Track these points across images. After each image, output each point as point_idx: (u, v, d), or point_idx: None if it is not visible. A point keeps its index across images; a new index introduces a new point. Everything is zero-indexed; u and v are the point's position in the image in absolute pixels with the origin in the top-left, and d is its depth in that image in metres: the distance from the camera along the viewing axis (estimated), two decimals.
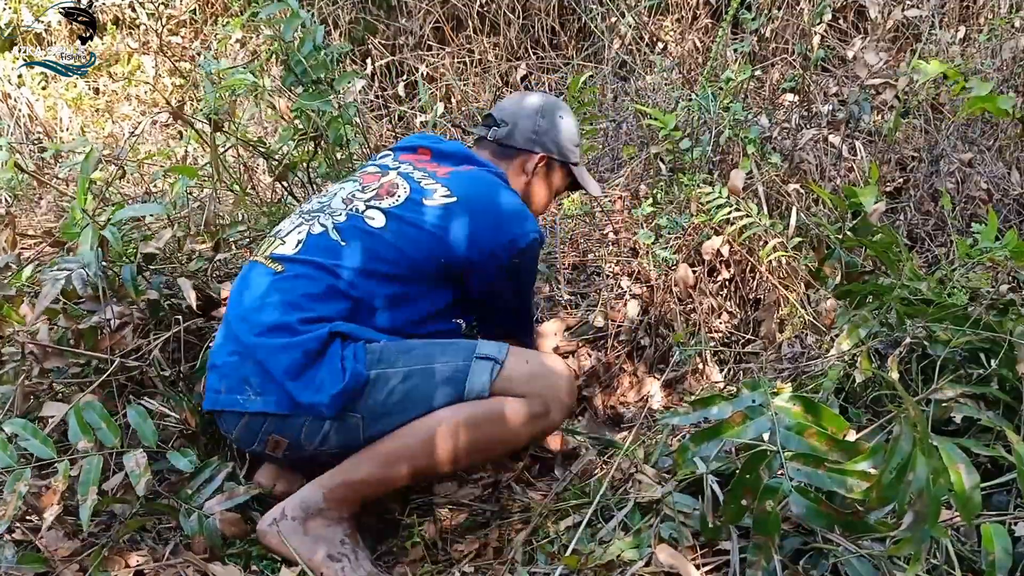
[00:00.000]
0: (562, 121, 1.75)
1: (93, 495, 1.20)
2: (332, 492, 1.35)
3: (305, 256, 1.44)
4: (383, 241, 1.46)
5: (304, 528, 1.33)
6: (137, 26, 4.35)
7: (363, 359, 1.35)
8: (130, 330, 1.61)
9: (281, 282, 1.42)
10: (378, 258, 1.45)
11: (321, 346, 1.34)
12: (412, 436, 1.35)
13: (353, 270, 1.42)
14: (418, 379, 1.35)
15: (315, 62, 1.91)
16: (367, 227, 1.47)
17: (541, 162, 1.72)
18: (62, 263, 1.52)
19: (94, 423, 1.32)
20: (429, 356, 1.38)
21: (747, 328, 2.04)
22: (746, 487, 1.02)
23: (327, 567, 1.31)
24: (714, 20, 3.57)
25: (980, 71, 2.39)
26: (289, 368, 1.33)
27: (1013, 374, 1.23)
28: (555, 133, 1.73)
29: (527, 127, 1.71)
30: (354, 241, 1.45)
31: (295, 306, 1.38)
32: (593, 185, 1.85)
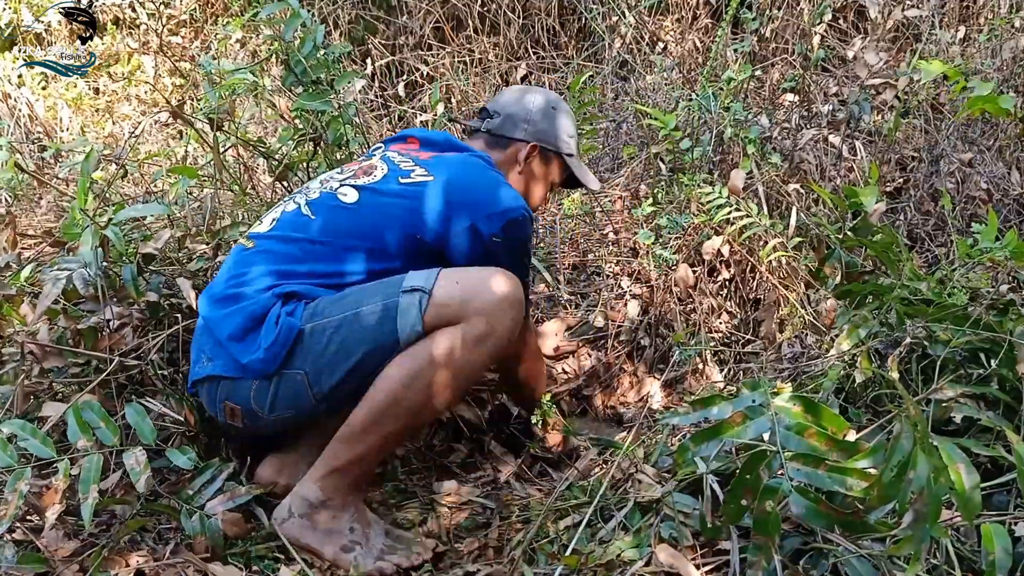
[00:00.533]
0: (556, 112, 1.73)
1: (94, 493, 1.20)
2: (325, 484, 1.35)
3: (276, 232, 1.47)
4: (355, 215, 1.46)
5: (312, 523, 1.35)
6: (137, 26, 4.35)
7: (299, 314, 1.36)
8: (130, 330, 1.61)
9: (247, 255, 1.45)
10: (348, 232, 1.45)
11: (265, 309, 1.36)
12: (370, 407, 1.33)
13: (320, 242, 1.44)
14: (350, 326, 1.34)
15: (315, 62, 1.91)
16: (339, 202, 1.47)
17: (533, 151, 1.69)
18: (62, 263, 1.53)
19: (93, 422, 1.32)
20: (358, 300, 1.36)
21: (747, 328, 2.04)
22: (746, 487, 1.02)
23: (341, 559, 1.33)
24: (714, 20, 3.57)
25: (980, 71, 2.39)
26: (234, 332, 1.36)
27: (1013, 374, 1.23)
28: (548, 123, 1.71)
29: (519, 116, 1.70)
30: (324, 215, 1.46)
31: (251, 276, 1.41)
32: (591, 179, 1.82)
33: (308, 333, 1.34)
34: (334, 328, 1.34)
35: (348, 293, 1.39)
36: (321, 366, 1.34)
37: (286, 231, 1.46)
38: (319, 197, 1.50)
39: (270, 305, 1.36)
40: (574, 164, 1.77)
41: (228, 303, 1.40)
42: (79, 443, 1.27)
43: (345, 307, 1.35)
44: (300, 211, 1.48)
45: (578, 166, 1.78)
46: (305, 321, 1.35)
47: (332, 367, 1.34)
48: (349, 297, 1.37)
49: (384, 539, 1.38)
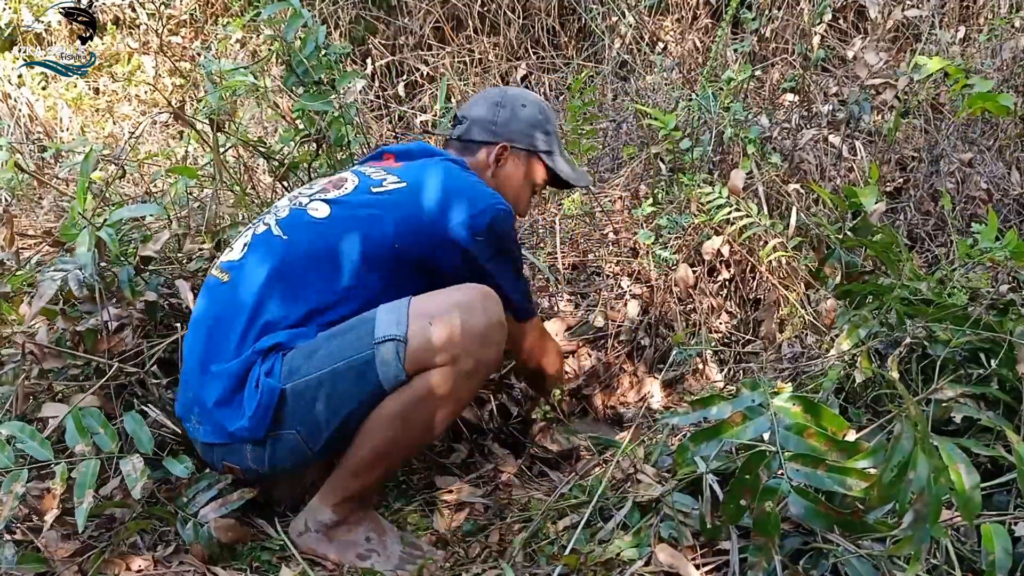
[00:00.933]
0: (524, 110, 1.65)
1: (89, 498, 1.20)
2: (338, 506, 1.37)
3: (248, 259, 1.41)
4: (327, 230, 1.40)
5: (328, 537, 1.37)
6: (137, 26, 4.35)
7: (277, 371, 1.31)
8: (130, 332, 1.61)
9: (223, 292, 1.39)
10: (322, 250, 1.39)
11: (246, 367, 1.32)
12: (372, 447, 1.33)
13: (294, 267, 1.38)
14: (332, 385, 1.30)
15: (317, 62, 1.91)
16: (310, 218, 1.42)
17: (503, 153, 1.63)
18: (59, 264, 1.53)
19: (92, 428, 1.32)
20: (331, 355, 1.31)
21: (747, 328, 2.04)
22: (745, 487, 1.02)
23: (359, 567, 1.35)
24: (714, 20, 3.57)
25: (980, 71, 2.39)
26: (219, 397, 1.33)
27: (1013, 374, 1.23)
28: (515, 122, 1.64)
29: (485, 119, 1.64)
30: (294, 234, 1.41)
31: (228, 324, 1.35)
32: (576, 176, 1.73)
33: (291, 393, 1.31)
34: (316, 386, 1.30)
35: (318, 346, 1.33)
36: (312, 425, 1.32)
37: (258, 257, 1.40)
38: (288, 216, 1.44)
39: (251, 363, 1.32)
40: (552, 161, 1.68)
41: (210, 359, 1.35)
42: (77, 448, 1.28)
43: (320, 363, 1.30)
44: (271, 232, 1.42)
45: (558, 163, 1.69)
46: (284, 379, 1.31)
47: (324, 425, 1.32)
48: (321, 351, 1.32)
49: (401, 547, 1.39)
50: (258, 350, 1.32)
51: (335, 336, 1.33)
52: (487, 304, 1.34)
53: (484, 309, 1.33)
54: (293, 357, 1.32)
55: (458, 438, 1.84)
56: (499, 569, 1.29)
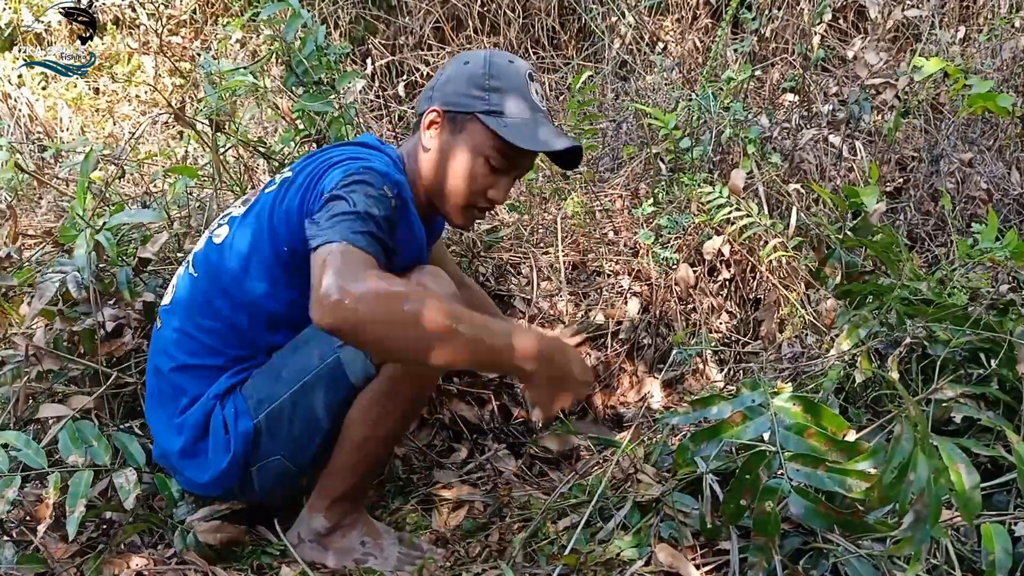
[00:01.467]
0: (465, 67, 1.34)
1: (81, 507, 1.21)
2: (330, 512, 1.37)
3: (175, 307, 1.36)
4: (226, 255, 1.32)
5: (323, 545, 1.37)
6: (137, 26, 4.35)
7: (242, 407, 1.29)
8: (130, 334, 1.61)
9: (163, 342, 1.36)
10: (228, 283, 1.30)
11: (205, 416, 1.30)
12: (351, 447, 1.32)
13: (210, 309, 1.31)
14: (306, 402, 1.28)
15: (317, 63, 1.91)
16: (213, 246, 1.35)
17: (432, 117, 1.34)
18: (57, 265, 1.54)
19: (86, 440, 1.33)
20: (297, 372, 1.27)
21: (747, 328, 2.04)
22: (745, 487, 1.02)
23: (356, 570, 1.35)
24: (714, 20, 3.57)
25: (980, 71, 2.39)
26: (182, 450, 1.31)
27: (1013, 374, 1.23)
28: (453, 83, 1.33)
29: (429, 86, 1.39)
30: (202, 268, 1.35)
31: (174, 376, 1.33)
32: (529, 138, 1.31)
33: (265, 423, 1.29)
34: (290, 407, 1.28)
35: (280, 365, 1.30)
36: (295, 445, 1.31)
37: (182, 304, 1.35)
38: (202, 247, 1.38)
39: (209, 409, 1.30)
40: (495, 123, 1.30)
41: (165, 411, 1.33)
42: (70, 459, 1.29)
43: (287, 382, 1.28)
44: (188, 271, 1.37)
45: (506, 125, 1.30)
46: (254, 412, 1.28)
47: (306, 442, 1.31)
48: (285, 371, 1.29)
49: (399, 548, 1.39)
50: (214, 395, 1.30)
51: (295, 351, 1.30)
52: (439, 280, 1.27)
53: (436, 285, 1.25)
54: (254, 386, 1.30)
55: (458, 438, 1.84)
56: (499, 569, 1.29)
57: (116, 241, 1.60)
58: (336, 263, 1.03)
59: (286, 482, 1.36)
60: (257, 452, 1.30)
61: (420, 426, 1.84)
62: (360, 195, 1.15)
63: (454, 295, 1.26)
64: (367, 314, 1.00)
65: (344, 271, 1.02)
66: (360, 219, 1.12)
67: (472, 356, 1.07)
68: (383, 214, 1.15)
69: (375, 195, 1.16)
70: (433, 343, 1.03)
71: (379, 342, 1.04)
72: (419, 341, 1.03)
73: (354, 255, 1.06)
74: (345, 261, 1.04)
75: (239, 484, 1.33)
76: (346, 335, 1.03)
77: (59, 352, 1.52)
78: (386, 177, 1.21)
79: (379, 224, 1.14)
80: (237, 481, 1.31)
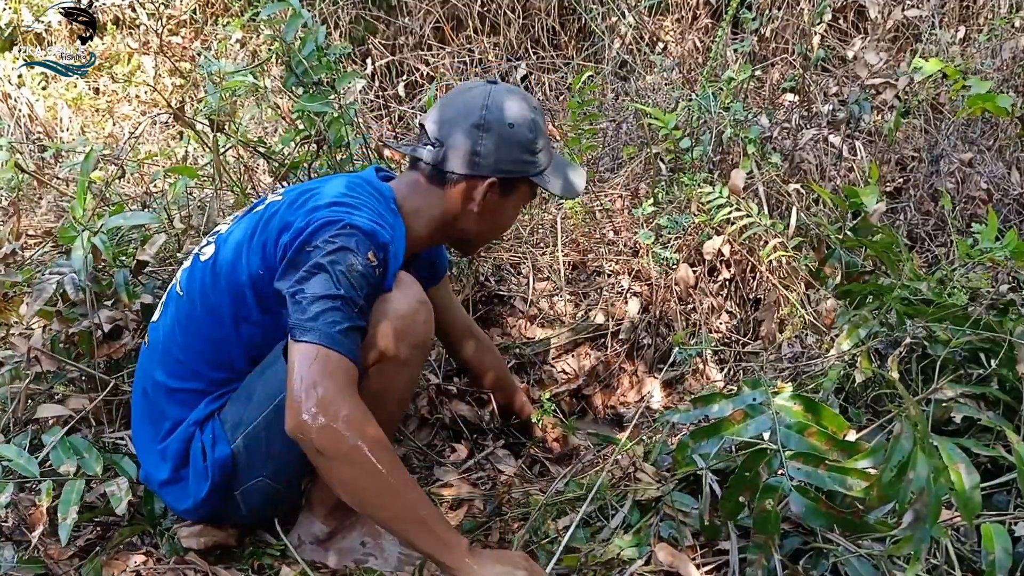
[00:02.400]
0: (511, 131, 1.35)
1: (73, 515, 1.22)
2: (328, 518, 1.37)
3: (165, 323, 1.34)
4: (210, 275, 1.30)
5: (323, 547, 1.37)
6: (137, 26, 4.35)
7: (221, 434, 1.28)
8: (129, 336, 1.62)
9: (151, 360, 1.34)
10: (214, 304, 1.29)
11: (185, 443, 1.29)
12: None
13: (193, 322, 1.30)
14: (278, 421, 1.20)
15: (316, 63, 1.90)
16: (199, 263, 1.33)
17: (492, 187, 1.37)
18: (55, 267, 1.54)
19: (79, 452, 1.34)
20: (269, 393, 1.25)
21: (747, 328, 2.04)
22: (744, 484, 1.03)
23: (357, 570, 1.35)
24: (714, 20, 3.57)
25: (980, 71, 2.39)
26: (167, 477, 1.30)
27: (1013, 374, 1.23)
28: (505, 150, 1.36)
29: (466, 148, 1.35)
30: (190, 286, 1.32)
31: (159, 399, 1.32)
32: (567, 186, 1.46)
33: (243, 447, 1.27)
34: (265, 427, 1.25)
35: (253, 387, 1.28)
36: (276, 465, 1.30)
37: (172, 324, 1.32)
38: (190, 265, 1.36)
39: (189, 436, 1.29)
40: (543, 181, 1.43)
41: (148, 434, 1.33)
42: (62, 468, 1.30)
43: (261, 403, 1.25)
44: (176, 288, 1.35)
45: (549, 179, 1.44)
46: (231, 437, 1.27)
47: (287, 460, 1.29)
48: (257, 391, 1.27)
49: (399, 548, 1.39)
50: (194, 421, 1.29)
51: (266, 370, 1.27)
52: (404, 286, 1.26)
53: (403, 295, 1.25)
54: (230, 410, 1.29)
55: (458, 438, 1.84)
56: None
57: (116, 242, 1.60)
58: (314, 373, 1.09)
59: (275, 500, 1.35)
60: (239, 477, 1.29)
61: (420, 426, 1.84)
62: (343, 268, 1.15)
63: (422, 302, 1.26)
64: (328, 450, 1.08)
65: (319, 385, 1.08)
66: (343, 308, 1.14)
67: (404, 538, 1.14)
68: (365, 291, 1.17)
69: (359, 268, 1.16)
70: (375, 512, 1.12)
71: (329, 478, 1.12)
72: (361, 503, 1.11)
73: (333, 365, 1.10)
74: (323, 372, 1.09)
75: (224, 509, 1.32)
76: (308, 454, 1.11)
77: (57, 355, 1.52)
78: (372, 238, 1.19)
79: (362, 309, 1.17)
80: (219, 506, 1.31)
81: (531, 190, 1.47)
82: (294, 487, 1.36)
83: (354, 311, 1.15)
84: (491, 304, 2.22)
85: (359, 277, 1.16)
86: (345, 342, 1.12)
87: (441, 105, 1.40)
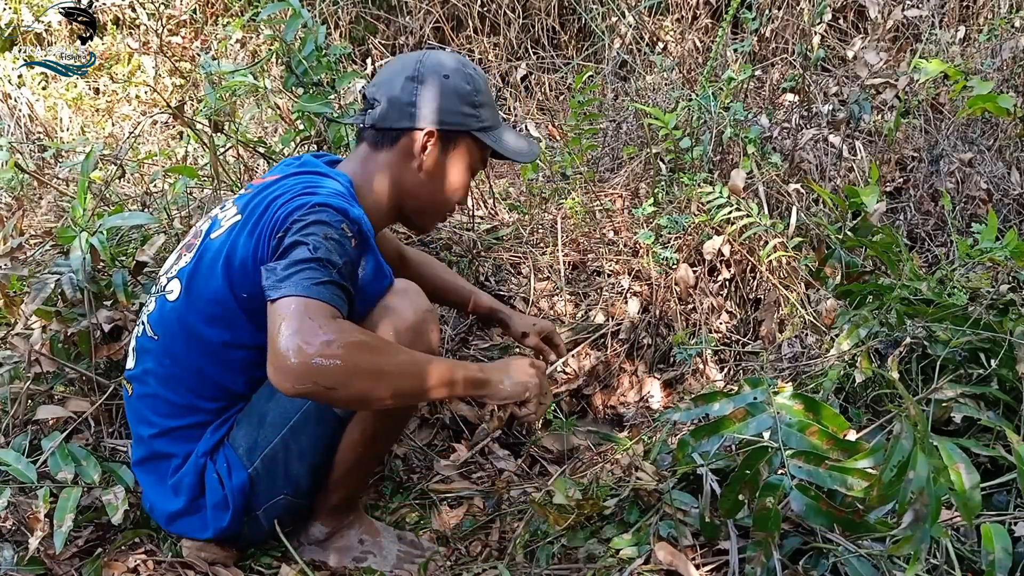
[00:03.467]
0: (447, 82, 1.32)
1: (69, 522, 1.22)
2: (327, 519, 1.38)
3: (139, 370, 1.32)
4: (186, 310, 1.25)
5: (323, 547, 1.39)
6: (137, 26, 4.35)
7: (235, 460, 1.27)
8: (127, 336, 1.62)
9: (137, 408, 1.32)
10: (195, 348, 1.25)
11: (198, 475, 1.28)
12: (346, 464, 1.32)
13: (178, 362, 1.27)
14: (295, 440, 1.27)
15: (316, 63, 1.90)
16: (170, 305, 1.27)
17: (430, 139, 1.33)
18: (54, 267, 1.54)
19: (76, 460, 1.34)
20: (283, 414, 1.26)
21: (747, 328, 2.04)
22: (744, 482, 1.02)
23: (357, 569, 1.36)
24: (714, 20, 3.57)
25: (980, 71, 2.39)
26: (181, 510, 1.29)
27: (1013, 374, 1.23)
28: (441, 99, 1.32)
29: (402, 100, 1.32)
30: (164, 330, 1.28)
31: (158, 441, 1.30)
32: (519, 150, 1.41)
33: (261, 469, 1.27)
34: (283, 449, 1.27)
35: (265, 409, 1.27)
36: (295, 483, 1.30)
37: (148, 370, 1.30)
38: (155, 308, 1.31)
39: (201, 467, 1.28)
40: (491, 138, 1.38)
41: (154, 471, 1.31)
42: (59, 475, 1.30)
43: (276, 426, 1.26)
44: (146, 333, 1.31)
45: (499, 139, 1.39)
46: (247, 462, 1.27)
47: (304, 476, 1.30)
48: (270, 414, 1.27)
49: (398, 546, 1.40)
50: (203, 452, 1.28)
51: (275, 393, 1.26)
52: (410, 295, 1.26)
53: (410, 302, 1.25)
54: (241, 435, 1.28)
55: (458, 438, 1.84)
56: (499, 569, 1.29)
57: (116, 242, 1.60)
58: (295, 321, 1.02)
59: (296, 513, 1.36)
60: (259, 497, 1.29)
61: (420, 426, 1.84)
62: (319, 238, 1.11)
63: (427, 310, 1.26)
64: (330, 382, 1.01)
65: (303, 329, 1.01)
66: (320, 267, 1.09)
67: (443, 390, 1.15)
68: (344, 259, 1.13)
69: (335, 237, 1.13)
70: (401, 387, 1.10)
71: (344, 395, 1.05)
72: (387, 388, 1.07)
73: (314, 308, 1.04)
74: (304, 317, 1.02)
75: (244, 530, 1.32)
76: (313, 397, 1.06)
77: (56, 357, 1.52)
78: (344, 213, 1.17)
79: (340, 271, 1.12)
80: (239, 530, 1.31)
81: (477, 150, 1.39)
82: (312, 496, 1.36)
83: (332, 271, 1.10)
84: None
85: (335, 244, 1.13)
86: (324, 292, 1.06)
87: (379, 71, 1.39)
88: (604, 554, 1.20)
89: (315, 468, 1.31)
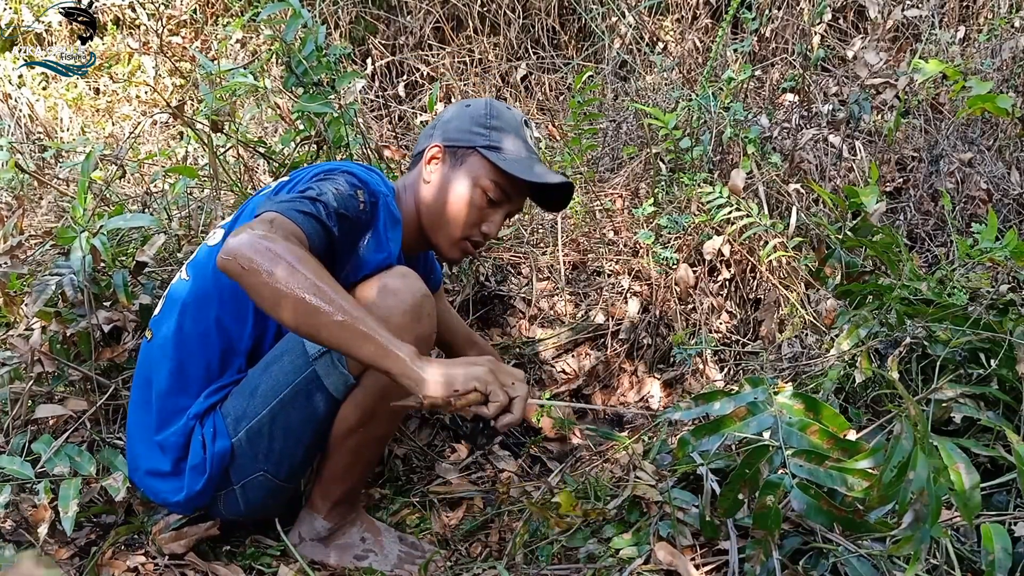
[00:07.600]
0: (467, 109, 1.44)
1: (74, 508, 1.23)
2: (329, 514, 1.37)
3: (165, 315, 1.33)
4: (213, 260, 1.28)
5: (324, 544, 1.38)
6: (137, 26, 4.35)
7: (222, 428, 1.28)
8: (130, 338, 1.62)
9: (151, 355, 1.33)
10: (220, 280, 1.28)
11: (185, 436, 1.29)
12: (343, 454, 1.32)
13: (202, 307, 1.30)
14: (283, 415, 1.27)
15: (316, 63, 1.90)
16: (207, 248, 1.34)
17: (438, 153, 1.41)
18: (55, 267, 1.54)
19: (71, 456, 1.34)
20: (274, 387, 1.26)
21: (747, 328, 2.04)
22: (744, 481, 1.02)
23: (357, 568, 1.36)
24: (714, 20, 3.57)
25: (980, 71, 2.39)
26: (165, 472, 1.30)
27: (1013, 374, 1.23)
28: (455, 121, 1.43)
29: (431, 126, 1.48)
30: (197, 272, 1.32)
31: (159, 391, 1.31)
32: (529, 171, 1.39)
33: (245, 440, 1.28)
34: (269, 422, 1.27)
35: (257, 381, 1.28)
36: (276, 460, 1.30)
37: (174, 308, 1.32)
38: (196, 254, 1.37)
39: (189, 429, 1.29)
40: (495, 156, 1.39)
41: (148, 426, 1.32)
42: (56, 470, 1.30)
43: (265, 398, 1.27)
44: (181, 279, 1.35)
45: (504, 159, 1.39)
46: (232, 431, 1.28)
47: (289, 454, 1.30)
48: (261, 385, 1.28)
49: (399, 546, 1.40)
50: (194, 415, 1.29)
51: (270, 366, 1.28)
52: (407, 280, 1.25)
53: (406, 286, 1.24)
54: (232, 404, 1.29)
55: (458, 438, 1.84)
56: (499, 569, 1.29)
57: (116, 242, 1.60)
58: (260, 226, 1.06)
59: (274, 495, 1.35)
60: (238, 470, 1.30)
61: (420, 426, 1.84)
62: (325, 184, 1.19)
63: (425, 295, 1.25)
64: (245, 261, 1.01)
65: (262, 233, 1.04)
66: (309, 201, 1.14)
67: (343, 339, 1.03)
68: (340, 207, 1.18)
69: (343, 191, 1.20)
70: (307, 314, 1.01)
71: (253, 280, 1.02)
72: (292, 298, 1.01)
73: (281, 224, 1.08)
74: (268, 224, 1.06)
75: (220, 504, 1.32)
76: (229, 272, 1.04)
77: (57, 357, 1.53)
78: (366, 185, 1.24)
79: (330, 213, 1.16)
80: (211, 501, 1.31)
81: (485, 168, 1.39)
82: (294, 482, 1.36)
83: (320, 207, 1.14)
84: (491, 304, 2.22)
85: (341, 197, 1.18)
86: (301, 218, 1.10)
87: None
88: (604, 554, 1.20)
89: (300, 448, 1.30)
